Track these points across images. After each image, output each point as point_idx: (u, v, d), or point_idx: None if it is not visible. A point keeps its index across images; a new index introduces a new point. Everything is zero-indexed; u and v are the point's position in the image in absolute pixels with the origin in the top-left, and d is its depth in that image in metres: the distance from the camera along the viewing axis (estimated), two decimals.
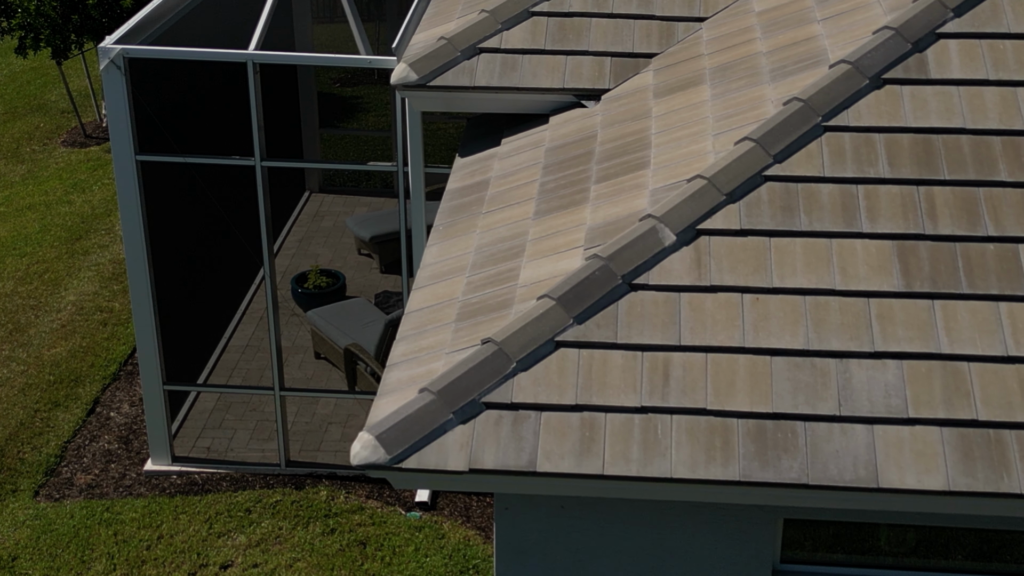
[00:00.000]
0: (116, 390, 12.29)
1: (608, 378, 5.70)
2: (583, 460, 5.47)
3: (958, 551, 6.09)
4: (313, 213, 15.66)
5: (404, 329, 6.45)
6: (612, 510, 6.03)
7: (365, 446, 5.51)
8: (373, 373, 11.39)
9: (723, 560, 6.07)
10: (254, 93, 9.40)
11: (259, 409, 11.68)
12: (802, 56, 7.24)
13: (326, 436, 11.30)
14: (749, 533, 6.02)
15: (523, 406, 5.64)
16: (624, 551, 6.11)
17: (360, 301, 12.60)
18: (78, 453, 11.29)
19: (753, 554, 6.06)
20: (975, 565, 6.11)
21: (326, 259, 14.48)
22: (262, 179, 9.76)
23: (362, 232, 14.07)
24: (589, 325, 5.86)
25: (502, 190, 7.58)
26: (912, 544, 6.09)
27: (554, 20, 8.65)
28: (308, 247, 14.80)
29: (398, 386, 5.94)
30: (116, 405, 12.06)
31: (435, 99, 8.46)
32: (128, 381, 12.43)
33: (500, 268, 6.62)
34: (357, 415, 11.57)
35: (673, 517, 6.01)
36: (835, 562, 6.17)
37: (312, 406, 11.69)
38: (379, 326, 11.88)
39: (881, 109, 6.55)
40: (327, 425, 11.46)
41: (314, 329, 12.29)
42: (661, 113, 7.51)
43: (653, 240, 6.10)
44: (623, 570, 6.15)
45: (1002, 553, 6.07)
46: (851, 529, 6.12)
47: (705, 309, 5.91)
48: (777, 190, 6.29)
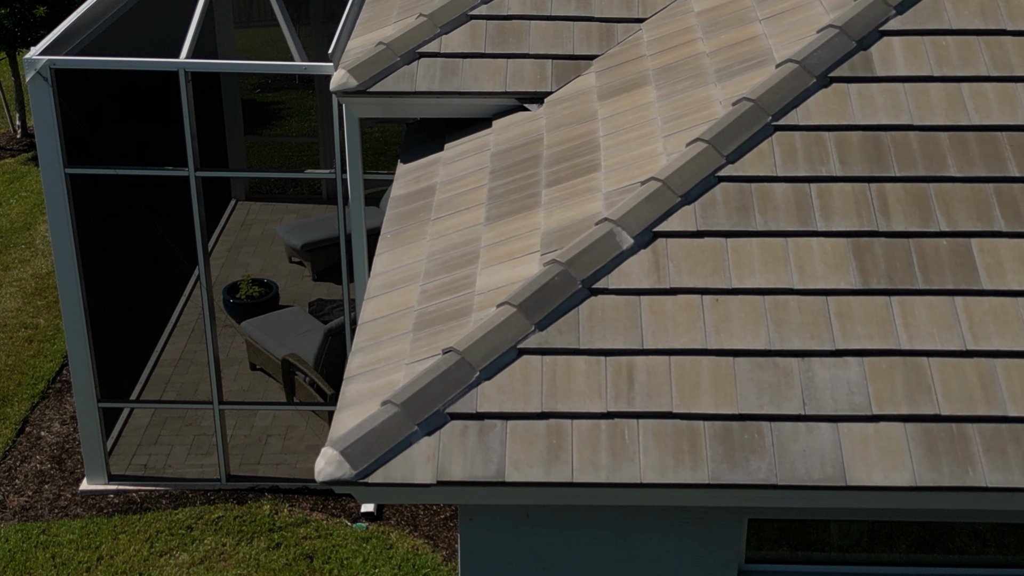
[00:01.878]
0: (45, 408, 12.01)
1: (573, 384, 5.66)
2: (552, 468, 5.42)
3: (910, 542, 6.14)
4: (240, 222, 15.44)
5: (360, 340, 6.36)
6: (578, 517, 5.99)
7: (330, 462, 5.41)
8: (312, 383, 11.25)
9: (690, 562, 6.06)
10: (187, 102, 9.22)
11: (195, 424, 11.48)
12: (746, 56, 7.26)
13: (266, 449, 11.13)
14: (714, 534, 6.02)
15: (488, 415, 5.58)
16: (590, 557, 6.07)
17: (295, 310, 12.44)
18: (9, 475, 11.01)
19: (719, 555, 6.05)
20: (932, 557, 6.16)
21: (256, 268, 14.28)
22: (197, 189, 9.59)
23: (293, 240, 13.90)
24: (551, 331, 5.82)
25: (450, 196, 7.51)
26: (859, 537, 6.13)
27: (493, 23, 8.60)
28: (237, 256, 14.59)
29: (358, 399, 5.84)
30: (46, 424, 11.78)
31: (375, 105, 8.37)
32: (57, 399, 12.15)
33: (454, 275, 6.55)
34: (296, 426, 11.42)
35: (639, 522, 5.99)
36: (799, 559, 6.19)
37: (250, 418, 11.51)
38: (317, 335, 11.74)
39: (829, 108, 6.58)
40: (266, 437, 11.29)
41: (249, 340, 12.11)
42: (607, 115, 7.48)
43: (611, 244, 6.07)
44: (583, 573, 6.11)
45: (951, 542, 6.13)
46: (814, 526, 6.14)
47: (666, 312, 5.89)
48: (731, 191, 6.30)
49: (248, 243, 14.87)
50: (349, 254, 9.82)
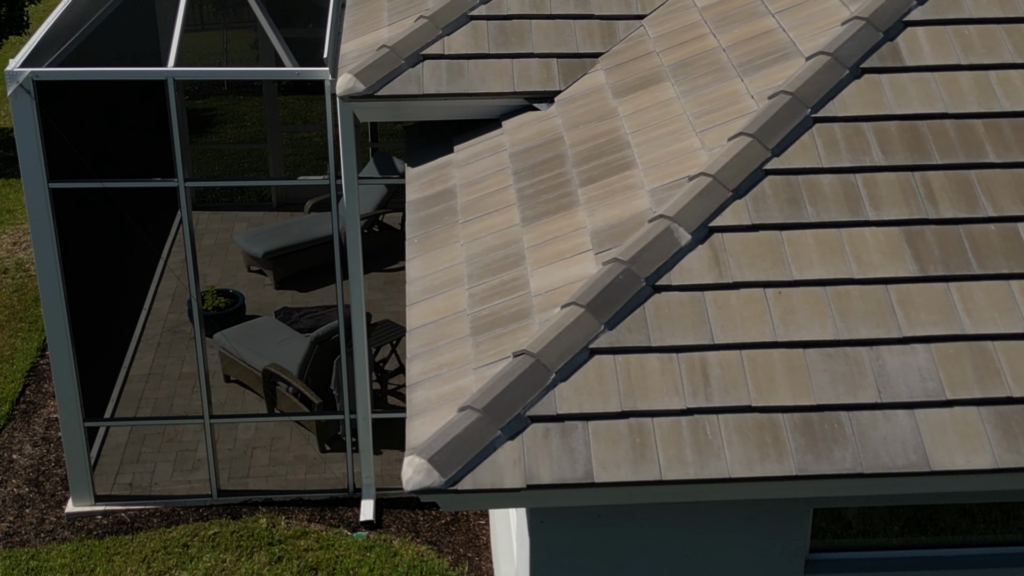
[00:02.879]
0: (13, 431, 11.66)
1: (648, 382, 5.65)
2: (639, 467, 5.41)
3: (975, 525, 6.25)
4: None
5: (414, 347, 6.28)
6: (647, 516, 5.99)
7: (418, 470, 5.33)
8: (296, 393, 11.08)
9: (757, 554, 6.09)
10: (175, 111, 9.02)
11: (176, 439, 11.24)
12: (767, 49, 7.31)
13: (253, 462, 10.94)
14: (781, 526, 6.06)
15: (569, 417, 5.55)
16: (660, 555, 6.07)
17: (268, 320, 12.25)
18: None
19: (786, 546, 6.09)
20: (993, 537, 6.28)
21: (215, 278, 14.04)
22: (186, 200, 9.39)
23: (254, 248, 13.68)
24: (620, 330, 5.80)
25: (474, 198, 7.45)
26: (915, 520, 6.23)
27: (494, 24, 8.55)
28: None
29: (428, 406, 5.77)
30: (17, 447, 11.44)
31: (381, 109, 8.28)
32: (24, 421, 11.81)
33: (503, 278, 6.50)
34: (281, 437, 11.24)
35: (708, 517, 6.00)
36: (860, 547, 6.26)
37: (232, 432, 11.31)
38: (297, 344, 11.58)
39: (865, 99, 6.66)
40: (252, 450, 11.10)
41: (223, 352, 11.89)
42: (629, 112, 7.49)
43: (669, 240, 6.07)
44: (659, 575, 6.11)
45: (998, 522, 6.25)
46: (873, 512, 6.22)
47: (731, 306, 5.91)
48: (779, 184, 6.34)
49: (203, 253, 14.61)
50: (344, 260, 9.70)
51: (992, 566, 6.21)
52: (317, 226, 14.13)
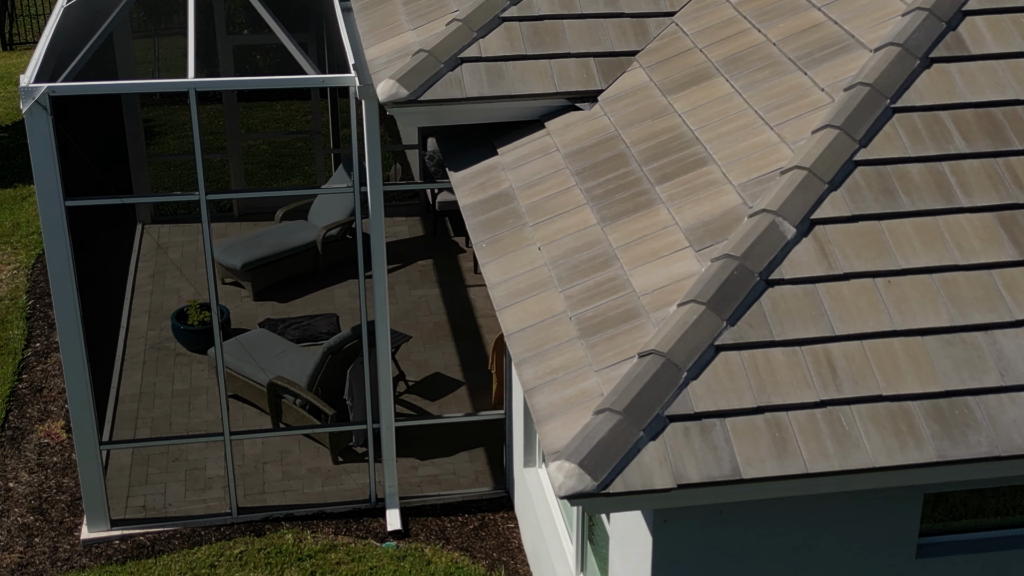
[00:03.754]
0: (5, 459, 11.29)
1: (778, 377, 5.68)
2: (784, 461, 5.43)
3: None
4: (154, 246, 14.82)
5: (519, 351, 6.22)
6: (763, 510, 6.01)
7: (569, 475, 5.28)
8: (304, 405, 10.91)
9: (872, 542, 6.16)
10: (196, 122, 8.81)
11: (182, 458, 10.99)
12: (823, 42, 7.39)
13: (266, 477, 10.74)
14: (894, 513, 6.13)
15: (706, 415, 5.55)
16: (778, 547, 6.10)
17: (262, 332, 12.03)
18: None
19: (899, 532, 6.17)
20: None
21: (189, 293, 13.74)
22: (206, 213, 9.17)
23: (232, 260, 13.42)
24: (742, 326, 5.82)
25: (538, 200, 7.41)
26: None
27: (526, 25, 8.51)
28: (164, 282, 14.01)
29: (555, 410, 5.72)
30: (11, 475, 11.08)
31: (423, 114, 8.18)
32: (14, 447, 11.43)
33: (597, 279, 6.48)
34: (290, 451, 11.05)
35: (822, 509, 6.05)
36: (969, 528, 6.36)
37: (239, 448, 11.09)
38: (298, 355, 11.39)
39: (938, 88, 6.77)
40: (262, 465, 10.89)
41: None
42: (686, 109, 7.51)
43: (776, 235, 6.11)
44: (778, 569, 6.14)
45: None
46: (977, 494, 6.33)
47: (844, 298, 5.96)
48: (870, 174, 6.42)
49: (171, 268, 14.30)
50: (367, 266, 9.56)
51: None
52: (292, 235, 13.93)
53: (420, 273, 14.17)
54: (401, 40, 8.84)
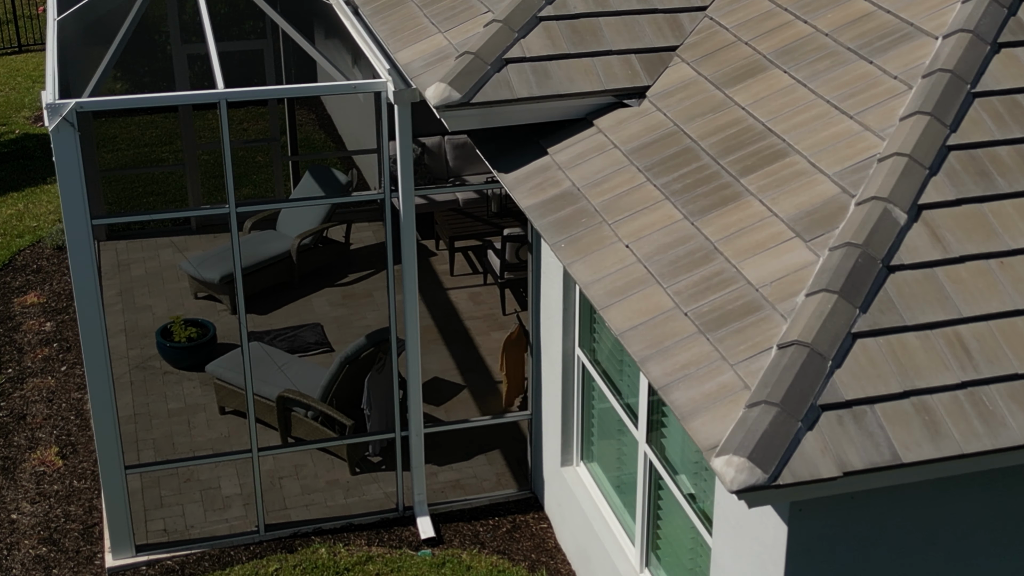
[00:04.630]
0: (1, 490, 10.89)
1: (916, 361, 5.77)
2: (939, 444, 5.52)
3: None
4: (115, 263, 14.43)
5: (638, 349, 6.22)
6: (896, 493, 6.09)
7: (740, 469, 5.30)
8: (317, 417, 10.73)
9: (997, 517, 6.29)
10: (227, 132, 8.60)
11: (194, 479, 10.72)
12: (881, 31, 7.51)
13: (285, 492, 10.54)
14: (1015, 487, 6.26)
15: (856, 402, 5.61)
16: (909, 529, 6.20)
17: (257, 345, 11.79)
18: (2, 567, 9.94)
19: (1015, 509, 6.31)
20: None
21: (162, 309, 13.41)
22: (235, 226, 8.96)
23: (208, 274, 13.13)
24: (874, 313, 5.90)
25: (609, 198, 7.40)
26: None
27: (564, 23, 8.50)
28: (133, 299, 13.64)
29: (700, 405, 5.73)
30: (12, 506, 10.69)
31: (473, 117, 8.12)
32: (8, 478, 11.03)
33: (703, 273, 6.50)
34: (304, 465, 10.86)
35: (946, 489, 6.16)
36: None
37: (247, 464, 10.86)
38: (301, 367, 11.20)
39: (1011, 72, 6.94)
40: (279, 481, 10.69)
41: (220, 383, 11.40)
42: (748, 102, 7.57)
43: (890, 221, 6.20)
44: (904, 551, 6.24)
45: None
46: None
47: (963, 280, 6.08)
48: (963, 158, 6.55)
49: (138, 284, 13.93)
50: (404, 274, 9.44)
51: None
52: (266, 246, 13.69)
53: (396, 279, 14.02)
54: (432, 43, 8.75)
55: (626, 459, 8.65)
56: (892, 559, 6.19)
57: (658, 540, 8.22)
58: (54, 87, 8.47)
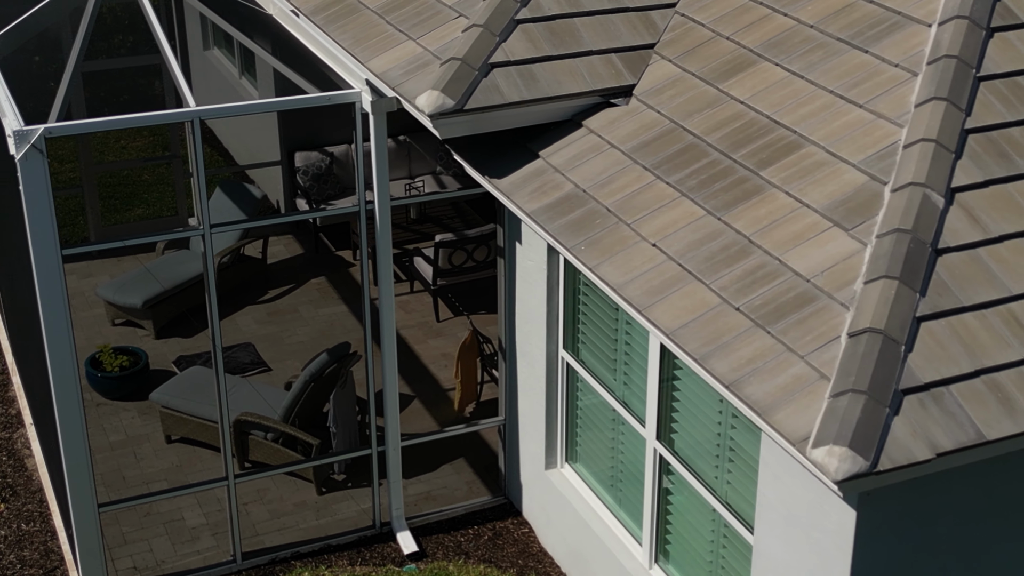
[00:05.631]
0: None
1: (979, 340, 5.92)
2: (1017, 419, 5.68)
3: None
4: None
5: (695, 347, 6.24)
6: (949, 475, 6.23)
7: (843, 459, 5.35)
8: (277, 438, 10.46)
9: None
10: (199, 153, 8.30)
11: (154, 512, 10.33)
12: (870, 20, 7.68)
13: (253, 519, 10.24)
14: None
15: (933, 385, 5.73)
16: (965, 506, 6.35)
17: (198, 370, 11.42)
18: None
19: None
20: None
21: (80, 339, 12.88)
22: (210, 248, 8.66)
23: (130, 299, 12.66)
24: (932, 296, 6.03)
25: (621, 198, 7.40)
26: None
27: (542, 25, 8.46)
28: None
29: (779, 398, 5.78)
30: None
31: (464, 123, 8.03)
32: None
33: (745, 267, 6.55)
34: (267, 488, 10.57)
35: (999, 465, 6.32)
36: None
37: (212, 495, 10.51)
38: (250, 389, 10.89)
39: (1007, 55, 7.18)
40: (244, 507, 10.38)
41: (166, 411, 11.01)
42: (746, 96, 7.66)
43: (930, 206, 6.35)
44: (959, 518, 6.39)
45: None
46: None
47: (1006, 259, 6.27)
48: (982, 141, 6.75)
49: None
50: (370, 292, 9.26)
51: None
52: (184, 267, 13.27)
53: (319, 292, 13.78)
54: (406, 50, 8.61)
55: (623, 457, 8.66)
56: (954, 531, 6.33)
57: (668, 536, 8.26)
58: (14, 112, 8.05)
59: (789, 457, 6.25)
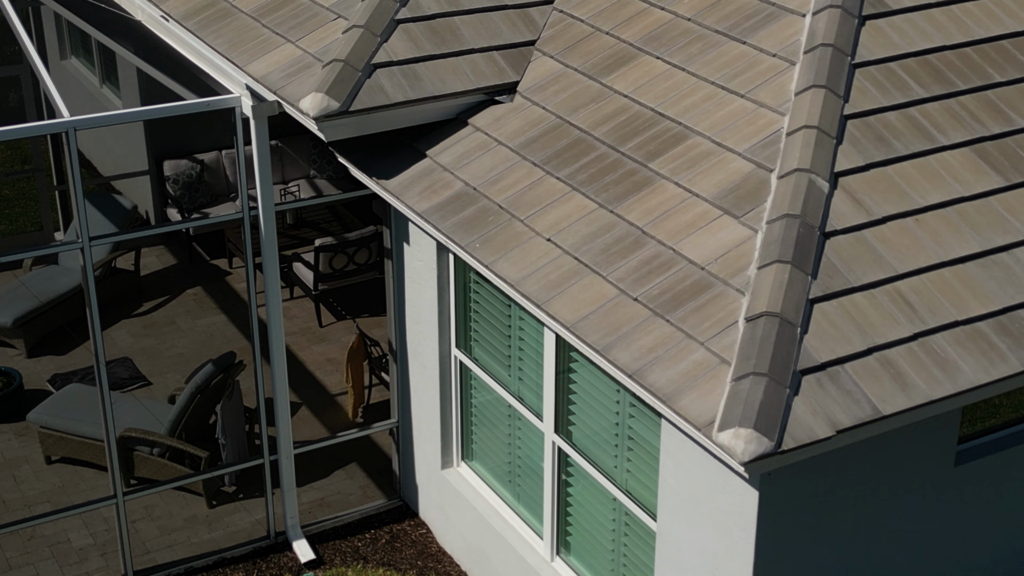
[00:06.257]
0: None
1: (870, 319, 6.10)
2: (910, 393, 5.87)
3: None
4: None
5: (596, 338, 6.30)
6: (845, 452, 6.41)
7: (749, 440, 5.47)
8: (163, 453, 10.27)
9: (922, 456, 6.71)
10: (75, 163, 8.10)
11: (38, 535, 10.04)
12: (744, 13, 7.85)
13: (142, 536, 10.03)
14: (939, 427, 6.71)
15: (829, 364, 5.89)
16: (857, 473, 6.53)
17: (78, 387, 11.13)
18: None
19: (943, 443, 6.76)
20: None
21: None
22: (90, 262, 8.45)
23: None
24: (823, 278, 6.20)
25: (513, 195, 7.45)
26: None
27: (422, 25, 8.46)
28: None
29: (682, 384, 5.88)
30: None
31: (349, 125, 7.99)
32: None
33: (640, 258, 6.64)
34: (155, 505, 10.36)
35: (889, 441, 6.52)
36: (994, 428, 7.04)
37: (98, 514, 10.27)
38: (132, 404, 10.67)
39: (879, 42, 7.41)
40: (132, 525, 10.16)
41: (45, 431, 10.72)
42: (629, 90, 7.76)
43: (816, 191, 6.52)
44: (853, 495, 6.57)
45: None
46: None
47: (889, 240, 6.47)
48: (861, 126, 6.95)
49: None
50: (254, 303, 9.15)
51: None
52: (53, 282, 12.94)
53: (195, 302, 13.55)
54: (285, 53, 8.53)
55: (521, 452, 8.71)
56: (851, 507, 6.51)
57: (569, 528, 8.33)
58: None
59: (689, 442, 6.36)
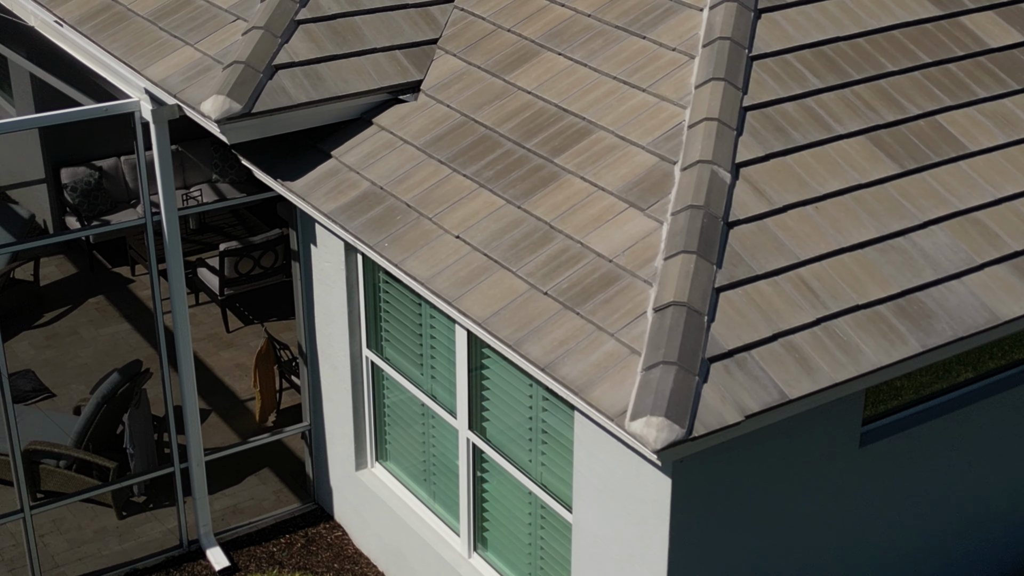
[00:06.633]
0: None
1: (774, 305, 6.23)
2: (815, 376, 6.00)
3: None
4: None
5: (507, 333, 6.35)
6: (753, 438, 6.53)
7: (661, 428, 5.55)
8: (70, 465, 10.12)
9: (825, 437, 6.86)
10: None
11: None
12: (644, 8, 7.95)
13: (51, 551, 9.87)
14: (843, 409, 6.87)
15: (735, 351, 6.00)
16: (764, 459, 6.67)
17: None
18: None
19: (847, 425, 6.93)
20: None
21: None
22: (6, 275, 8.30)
23: None
24: (728, 267, 6.31)
25: (420, 193, 7.47)
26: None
27: (323, 25, 8.44)
28: None
29: (594, 375, 5.95)
30: None
31: (253, 127, 7.94)
32: None
33: (548, 252, 6.70)
34: (63, 518, 10.20)
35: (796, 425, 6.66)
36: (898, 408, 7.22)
37: (4, 529, 10.08)
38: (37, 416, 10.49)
39: (775, 34, 7.56)
40: (40, 539, 9.99)
41: None
42: (532, 87, 7.83)
43: (719, 182, 6.63)
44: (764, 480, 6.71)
45: None
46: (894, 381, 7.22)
47: (790, 228, 6.60)
48: (759, 118, 7.09)
49: None
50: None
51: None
52: None
53: (98, 311, 13.36)
54: (184, 56, 8.45)
55: (436, 450, 8.73)
56: (761, 492, 6.64)
57: (485, 523, 8.37)
58: None
59: (602, 433, 6.44)
